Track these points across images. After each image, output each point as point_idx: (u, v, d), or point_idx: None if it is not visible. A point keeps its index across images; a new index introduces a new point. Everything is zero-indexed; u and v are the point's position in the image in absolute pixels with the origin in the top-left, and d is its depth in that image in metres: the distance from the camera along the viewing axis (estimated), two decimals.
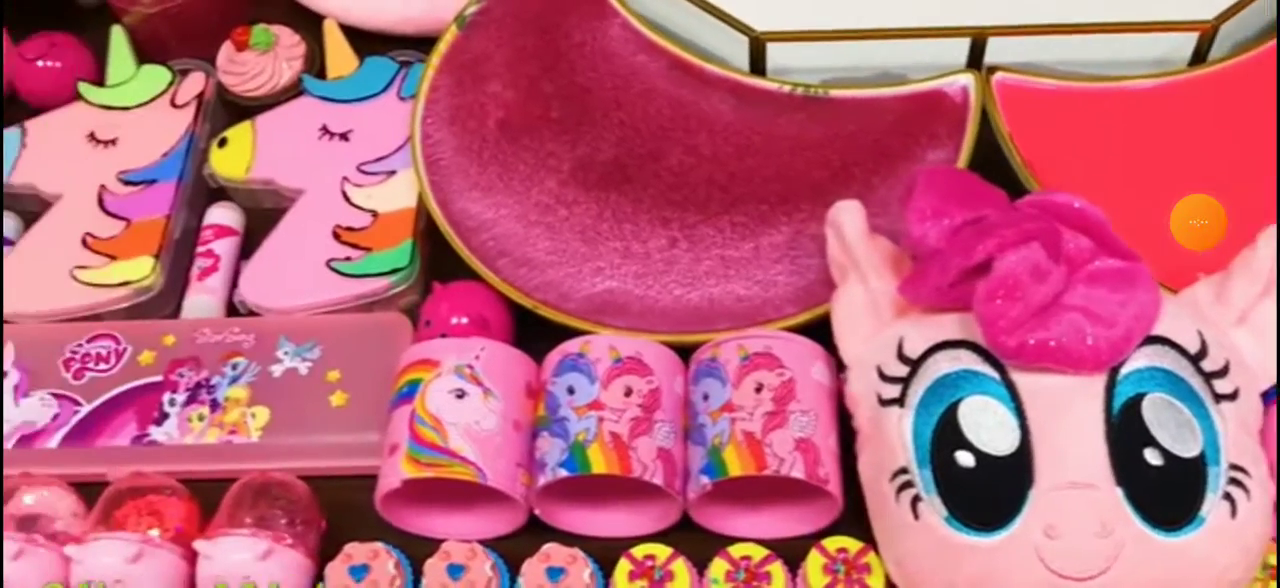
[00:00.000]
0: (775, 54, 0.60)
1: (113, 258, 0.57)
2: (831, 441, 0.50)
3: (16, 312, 0.56)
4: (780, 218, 0.56)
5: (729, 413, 0.49)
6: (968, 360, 0.46)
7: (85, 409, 0.53)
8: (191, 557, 0.48)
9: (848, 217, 0.50)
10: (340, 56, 0.63)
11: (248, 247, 0.59)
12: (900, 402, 0.47)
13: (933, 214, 0.47)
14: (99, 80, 0.63)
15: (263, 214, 0.61)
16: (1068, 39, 0.59)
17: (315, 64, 0.64)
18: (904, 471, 0.46)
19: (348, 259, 0.57)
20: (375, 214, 0.58)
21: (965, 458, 0.45)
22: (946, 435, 0.45)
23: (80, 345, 0.55)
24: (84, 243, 0.57)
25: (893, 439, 0.46)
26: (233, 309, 0.58)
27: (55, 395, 0.54)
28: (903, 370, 0.47)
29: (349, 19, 0.65)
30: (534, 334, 0.55)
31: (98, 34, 0.65)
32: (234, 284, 0.58)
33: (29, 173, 0.60)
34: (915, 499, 0.45)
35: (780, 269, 0.55)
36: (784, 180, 0.57)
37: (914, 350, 0.47)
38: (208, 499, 0.51)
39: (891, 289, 0.50)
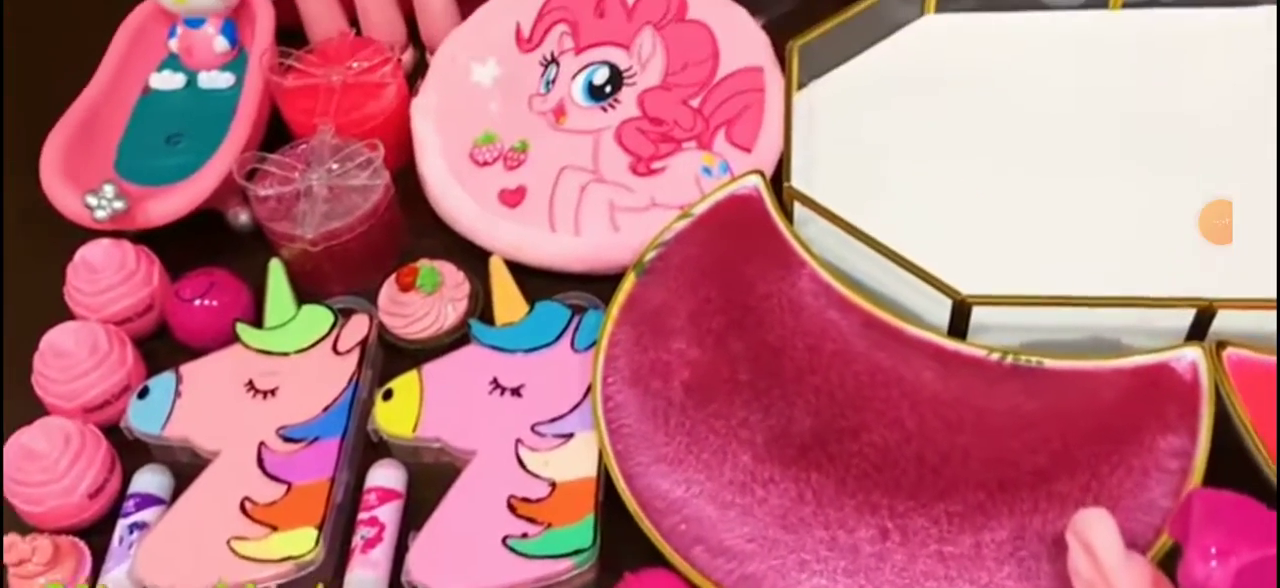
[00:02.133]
0: (977, 313, 0.57)
1: (273, 528, 0.53)
2: None
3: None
4: (1001, 509, 0.51)
5: None
6: None
7: None
8: None
9: (1101, 533, 0.45)
10: (509, 299, 0.60)
11: (411, 510, 0.56)
12: None
13: (1220, 552, 0.42)
14: (257, 319, 0.60)
15: (425, 472, 0.57)
16: None
17: (480, 304, 0.62)
18: None
19: (525, 536, 0.53)
20: (553, 484, 0.54)
21: None
22: None
23: None
24: (242, 509, 0.53)
25: None
26: (397, 584, 0.54)
27: None
28: None
29: (516, 255, 0.62)
30: None
31: (253, 262, 0.63)
32: (397, 556, 0.54)
33: (185, 425, 0.56)
34: None
35: (1007, 572, 0.50)
36: (1001, 464, 0.53)
37: None
38: None
39: None
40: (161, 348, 0.62)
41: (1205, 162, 0.62)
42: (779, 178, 0.61)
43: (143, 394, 0.58)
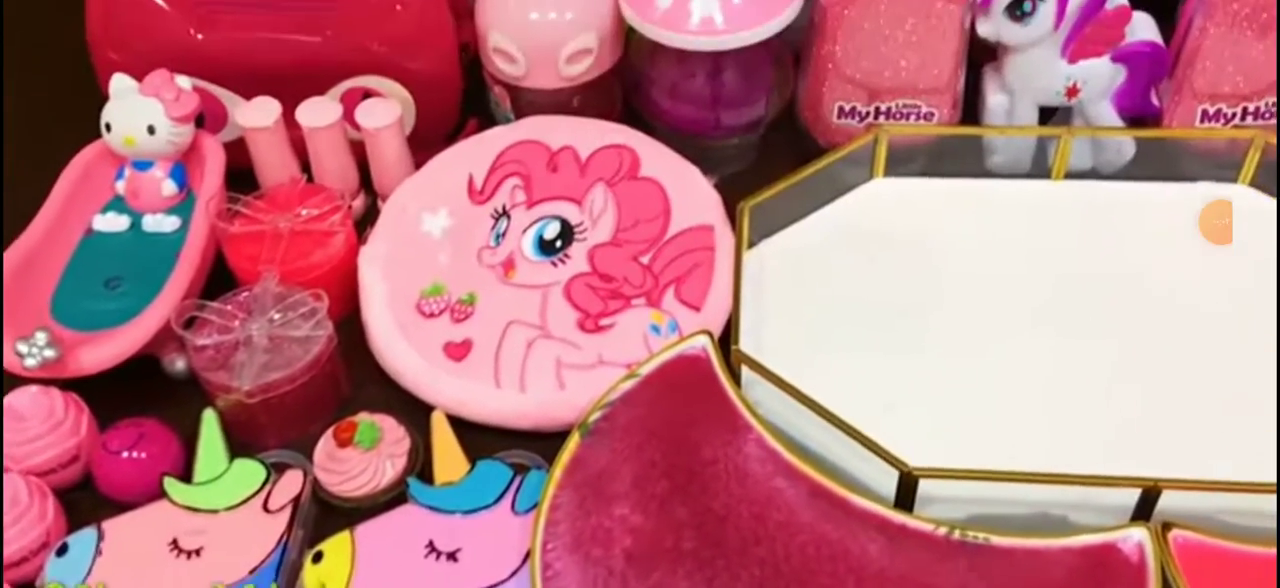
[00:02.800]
0: (924, 484, 0.56)
1: None
2: None
3: None
4: None
5: None
6: None
7: None
8: None
9: None
10: (449, 457, 0.58)
11: None
12: None
13: None
14: (187, 473, 0.58)
15: None
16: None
17: (420, 460, 0.60)
18: None
19: None
20: None
21: None
22: None
23: None
24: None
25: None
26: None
27: None
28: None
29: (460, 411, 0.61)
30: None
31: (187, 410, 0.61)
32: None
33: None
34: None
35: None
36: None
37: None
38: None
39: None
40: (85, 499, 0.60)
41: (1150, 334, 0.63)
42: (728, 338, 0.61)
43: (61, 551, 0.55)
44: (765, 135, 0.76)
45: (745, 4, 0.67)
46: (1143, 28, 0.69)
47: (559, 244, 0.66)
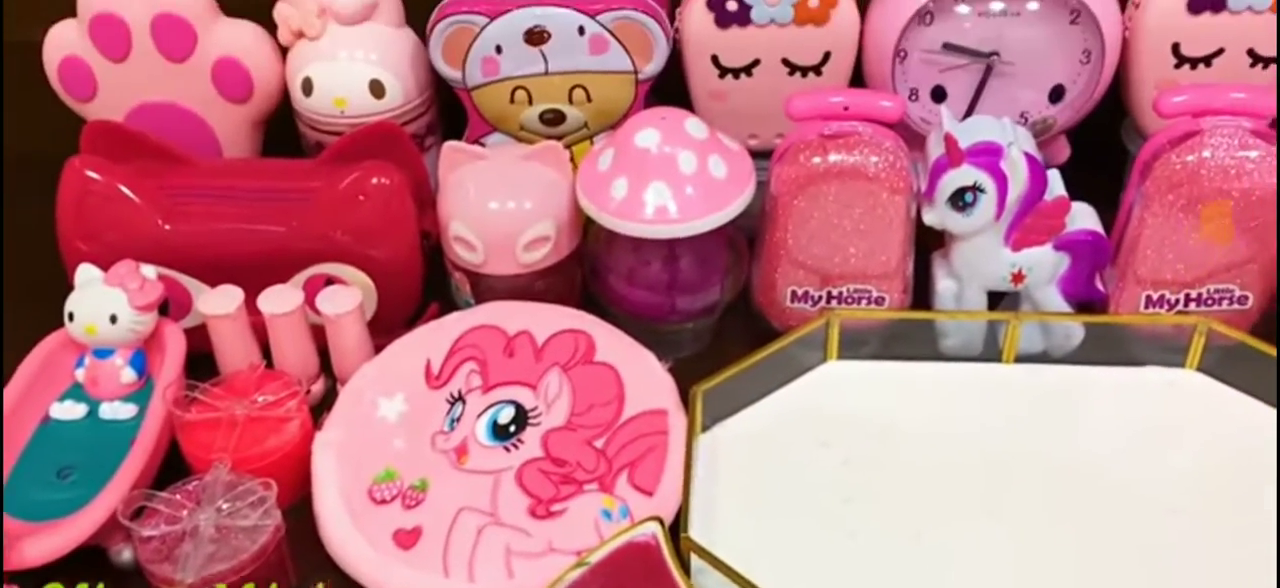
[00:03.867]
0: None
1: None
2: None
3: None
4: None
5: None
6: None
7: None
8: None
9: None
10: None
11: None
12: None
13: None
14: None
15: None
16: None
17: None
18: None
19: None
20: None
21: None
22: None
23: None
24: None
25: None
26: None
27: None
28: None
29: None
30: None
31: None
32: None
33: None
34: None
35: None
36: None
37: None
38: None
39: None
40: None
41: (1101, 521, 0.63)
42: (678, 525, 0.61)
43: None
44: (722, 319, 0.78)
45: (698, 194, 0.70)
46: (1084, 217, 0.71)
47: (513, 429, 0.67)
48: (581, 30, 0.75)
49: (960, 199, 0.69)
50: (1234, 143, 0.67)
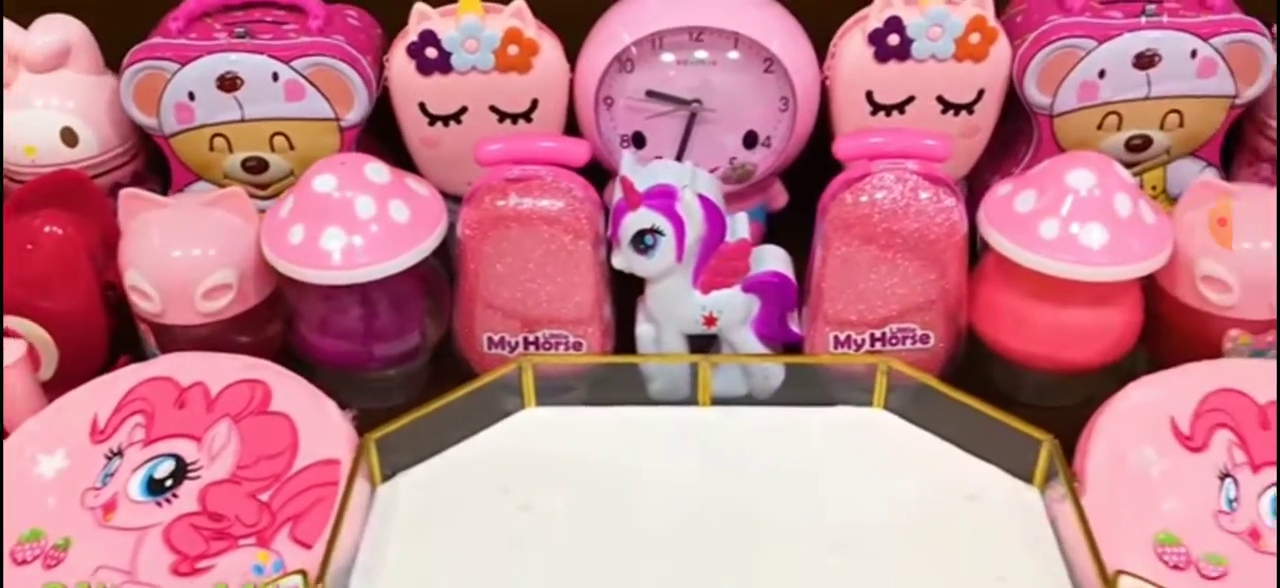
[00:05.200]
0: None
1: None
2: None
3: None
4: None
5: None
6: None
7: None
8: None
9: None
10: None
11: None
12: None
13: None
14: None
15: None
16: None
17: None
18: None
19: None
20: None
21: None
22: None
23: None
24: None
25: None
26: None
27: None
28: None
29: None
30: None
31: None
32: None
33: None
34: None
35: None
36: None
37: None
38: None
39: None
40: None
41: (771, 557, 0.62)
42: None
43: None
44: (439, 366, 0.77)
45: (374, 239, 0.68)
46: (773, 259, 0.72)
47: (170, 483, 0.64)
48: (275, 77, 0.74)
49: (641, 242, 0.69)
50: (902, 185, 0.69)
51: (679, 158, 0.79)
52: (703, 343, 0.74)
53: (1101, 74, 0.75)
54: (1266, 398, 0.64)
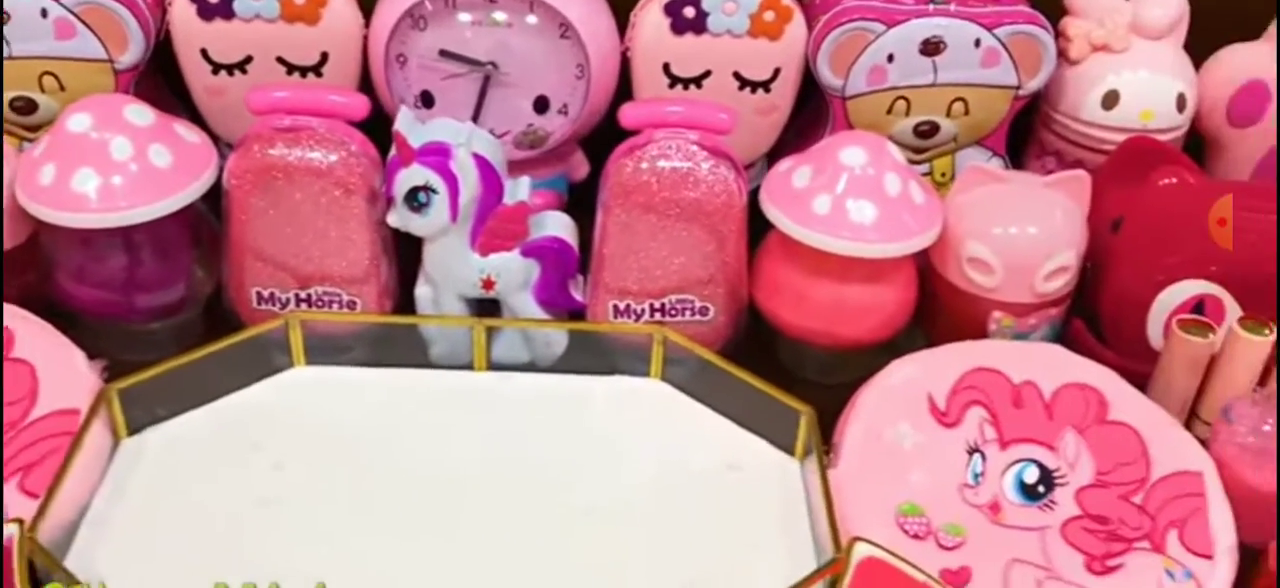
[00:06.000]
0: None
1: None
2: None
3: None
4: None
5: None
6: None
7: None
8: None
9: None
10: None
11: None
12: None
13: None
14: None
15: None
16: None
17: None
18: None
19: None
20: None
21: None
22: None
23: None
24: None
25: None
26: None
27: None
28: None
29: None
30: None
31: None
32: None
33: None
34: None
35: None
36: None
37: None
38: None
39: None
40: None
41: (534, 524, 0.61)
42: None
43: None
44: (212, 321, 0.74)
45: (129, 182, 0.65)
46: (555, 225, 0.71)
47: None
48: (44, 13, 0.71)
49: (414, 199, 0.67)
50: (682, 154, 0.69)
51: (474, 120, 0.78)
52: (485, 307, 0.73)
53: (890, 58, 0.77)
54: (1021, 378, 0.66)
